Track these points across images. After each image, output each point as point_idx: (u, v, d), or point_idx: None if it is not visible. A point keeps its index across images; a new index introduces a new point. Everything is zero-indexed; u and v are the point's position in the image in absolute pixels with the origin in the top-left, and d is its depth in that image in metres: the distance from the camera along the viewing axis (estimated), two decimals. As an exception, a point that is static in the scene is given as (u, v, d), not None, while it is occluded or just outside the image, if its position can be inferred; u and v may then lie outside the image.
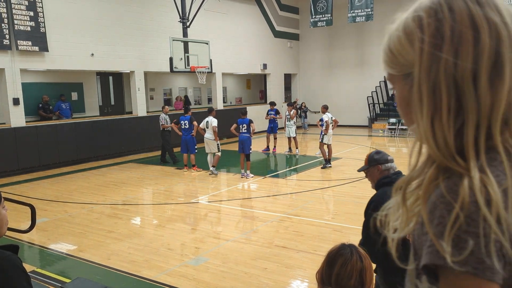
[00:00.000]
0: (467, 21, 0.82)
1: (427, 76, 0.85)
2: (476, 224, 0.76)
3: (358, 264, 1.57)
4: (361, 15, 18.01)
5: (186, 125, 11.57)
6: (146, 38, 15.46)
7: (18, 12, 11.72)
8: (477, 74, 0.82)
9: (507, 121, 0.84)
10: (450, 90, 0.83)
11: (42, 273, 5.34)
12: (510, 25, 0.84)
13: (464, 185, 0.78)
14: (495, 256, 0.75)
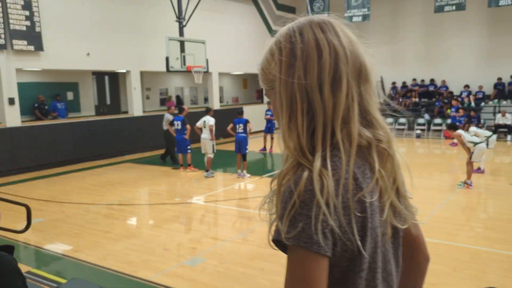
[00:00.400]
0: (313, 44, 1.05)
1: (285, 87, 1.06)
2: (309, 208, 0.95)
3: None
4: (357, 15, 18.04)
5: (178, 126, 11.54)
6: (142, 37, 15.42)
7: (14, 12, 11.66)
8: (321, 84, 1.03)
9: (346, 120, 1.04)
10: (303, 98, 1.03)
11: (37, 274, 5.31)
12: (345, 45, 1.09)
13: (304, 177, 0.97)
14: (320, 233, 0.94)
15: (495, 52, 18.95)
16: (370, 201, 1.03)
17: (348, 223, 0.98)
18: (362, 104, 1.10)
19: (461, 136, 9.15)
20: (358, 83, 1.08)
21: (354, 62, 1.09)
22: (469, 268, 5.16)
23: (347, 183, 0.99)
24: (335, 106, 1.03)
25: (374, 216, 1.04)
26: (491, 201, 8.45)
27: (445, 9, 16.79)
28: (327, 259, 0.97)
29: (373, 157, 1.08)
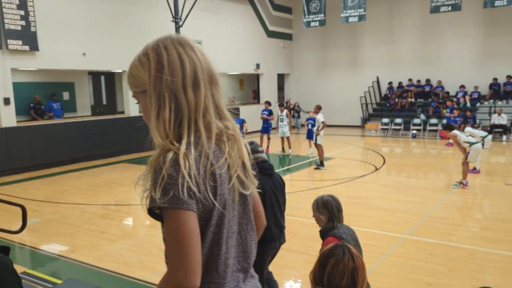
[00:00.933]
0: (176, 56, 1.39)
1: (154, 89, 1.37)
2: (175, 179, 1.27)
3: (350, 264, 1.57)
4: (354, 16, 18.07)
5: None
6: (138, 37, 15.36)
7: (9, 11, 11.60)
8: (185, 87, 1.36)
9: (205, 115, 1.40)
10: (171, 98, 1.35)
11: (33, 274, 5.29)
12: (200, 57, 1.43)
13: (169, 156, 1.29)
14: (187, 195, 1.27)
15: (490, 52, 19.05)
16: (219, 173, 1.37)
17: (205, 189, 1.32)
18: (215, 102, 1.46)
19: (457, 136, 9.18)
20: (211, 86, 1.45)
21: (207, 70, 1.44)
22: (464, 268, 5.18)
23: (205, 161, 1.34)
24: (197, 103, 1.37)
25: (223, 185, 1.39)
26: (487, 201, 8.48)
27: (441, 10, 16.85)
28: (194, 214, 1.30)
29: (224, 142, 1.43)
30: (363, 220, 7.12)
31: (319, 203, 3.08)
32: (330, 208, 3.06)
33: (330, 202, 3.07)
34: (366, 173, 11.02)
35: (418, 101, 20.24)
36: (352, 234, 3.04)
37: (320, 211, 3.07)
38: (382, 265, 5.31)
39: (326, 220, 3.06)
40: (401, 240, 6.15)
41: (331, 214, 3.05)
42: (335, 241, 2.61)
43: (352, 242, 2.96)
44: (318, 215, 3.09)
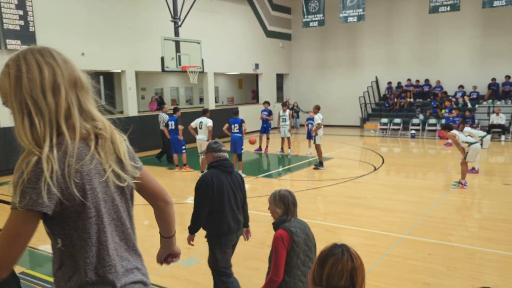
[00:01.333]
0: (35, 64, 1.48)
1: (15, 96, 1.47)
2: (34, 183, 1.38)
3: (349, 264, 1.56)
4: (353, 16, 18.07)
5: (172, 126, 11.55)
6: (137, 37, 15.37)
7: (7, 11, 11.59)
8: (44, 92, 1.46)
9: (68, 117, 1.49)
10: (31, 102, 1.45)
11: (32, 275, 5.28)
12: (60, 64, 1.52)
13: (32, 161, 1.40)
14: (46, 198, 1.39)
15: (489, 52, 19.07)
16: (87, 169, 1.49)
17: (70, 187, 1.44)
18: (81, 104, 1.55)
19: (456, 136, 9.19)
20: (75, 90, 1.54)
21: (69, 76, 1.53)
22: (463, 267, 5.18)
23: (70, 160, 1.44)
24: (57, 107, 1.47)
25: (93, 179, 1.52)
26: (486, 201, 8.49)
27: (439, 10, 16.87)
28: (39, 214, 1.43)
29: (92, 140, 1.54)
30: (362, 220, 7.12)
31: (276, 197, 3.19)
32: (287, 203, 3.16)
33: (287, 197, 3.18)
34: (365, 173, 11.02)
35: (417, 101, 20.25)
36: (304, 228, 3.11)
37: (276, 205, 3.18)
38: (381, 265, 5.31)
39: (282, 213, 3.16)
40: (400, 240, 6.15)
41: (286, 208, 3.15)
42: (285, 234, 2.97)
43: (302, 235, 3.04)
44: (274, 208, 3.19)
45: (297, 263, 3.01)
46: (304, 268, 3.04)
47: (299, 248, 3.00)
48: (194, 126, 11.08)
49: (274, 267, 2.97)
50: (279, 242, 2.97)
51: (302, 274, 3.02)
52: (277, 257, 2.96)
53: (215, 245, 4.14)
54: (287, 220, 3.11)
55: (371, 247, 5.91)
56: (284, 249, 2.96)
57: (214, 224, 4.06)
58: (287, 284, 2.98)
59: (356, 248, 1.70)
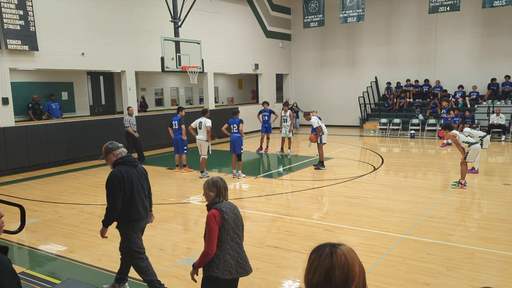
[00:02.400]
0: None
1: None
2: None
3: (325, 261, 1.53)
4: (352, 16, 18.09)
5: (175, 126, 11.57)
6: (137, 37, 15.38)
7: (8, 11, 11.59)
8: None
9: None
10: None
11: (32, 275, 5.29)
12: None
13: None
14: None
15: (489, 52, 19.08)
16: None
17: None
18: None
19: (456, 136, 9.19)
20: None
21: None
22: (463, 267, 5.19)
23: None
24: None
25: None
26: (485, 201, 8.50)
27: (439, 10, 16.88)
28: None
29: None
30: (361, 220, 7.13)
31: (210, 183, 3.63)
32: (218, 187, 3.61)
33: (218, 182, 3.64)
34: (364, 173, 11.03)
35: (417, 101, 20.25)
36: (233, 209, 3.60)
37: (210, 189, 3.61)
38: (380, 264, 5.32)
39: (214, 196, 3.59)
40: (399, 240, 6.16)
41: (218, 191, 3.59)
42: (217, 212, 3.44)
43: (232, 215, 3.52)
44: (208, 192, 3.61)
45: (227, 238, 3.49)
46: (233, 243, 3.54)
47: (228, 225, 3.48)
48: (194, 126, 11.10)
49: (208, 241, 3.44)
50: (211, 219, 3.43)
51: (231, 248, 3.53)
52: (210, 232, 3.43)
53: (128, 231, 4.53)
54: (219, 202, 3.56)
55: (370, 247, 5.92)
56: (216, 225, 3.42)
57: (126, 212, 4.47)
58: (217, 256, 3.48)
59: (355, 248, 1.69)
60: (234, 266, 3.55)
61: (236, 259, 3.56)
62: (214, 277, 3.49)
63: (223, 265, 3.49)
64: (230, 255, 3.52)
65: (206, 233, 3.48)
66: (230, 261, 3.52)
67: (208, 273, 3.52)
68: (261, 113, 14.68)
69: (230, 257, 3.52)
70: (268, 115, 14.59)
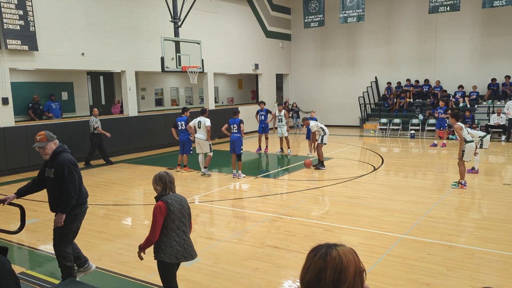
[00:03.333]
0: None
1: None
2: None
3: (319, 262, 1.54)
4: (352, 16, 18.08)
5: (182, 126, 11.55)
6: (137, 37, 15.38)
7: (7, 11, 11.59)
8: None
9: None
10: None
11: (31, 275, 5.29)
12: None
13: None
14: None
15: (489, 52, 19.07)
16: None
17: None
18: None
19: (461, 129, 9.06)
20: None
21: None
22: (463, 268, 5.18)
23: None
24: None
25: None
26: (485, 201, 8.50)
27: (439, 10, 16.87)
28: None
29: None
30: (361, 220, 7.13)
31: (156, 177, 3.95)
32: (164, 180, 3.93)
33: (165, 176, 3.95)
34: (364, 173, 11.03)
35: (417, 101, 20.25)
36: (179, 200, 3.96)
37: (157, 183, 3.94)
38: (380, 265, 5.32)
39: (161, 189, 3.93)
40: (399, 240, 6.16)
41: (165, 184, 3.92)
42: (162, 204, 3.80)
43: (177, 206, 3.90)
44: (156, 186, 3.95)
45: (173, 226, 3.87)
46: (179, 231, 3.92)
47: (174, 215, 3.85)
48: (193, 125, 11.12)
49: (151, 229, 3.84)
50: (157, 211, 3.81)
51: (177, 235, 3.91)
52: (155, 222, 3.81)
53: (78, 215, 4.80)
54: (165, 194, 3.91)
55: (370, 247, 5.91)
56: (162, 216, 3.81)
57: (79, 195, 4.79)
58: (164, 243, 3.86)
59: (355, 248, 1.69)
60: (180, 251, 3.92)
61: (182, 246, 3.94)
62: (162, 261, 3.92)
63: (169, 250, 3.88)
64: (176, 241, 3.89)
65: (152, 222, 3.84)
66: (176, 247, 3.90)
67: (157, 258, 3.94)
68: (258, 113, 14.69)
69: (176, 243, 3.90)
70: (265, 115, 14.57)
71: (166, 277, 4.03)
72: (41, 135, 4.69)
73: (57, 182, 4.65)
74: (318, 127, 11.64)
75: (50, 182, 4.74)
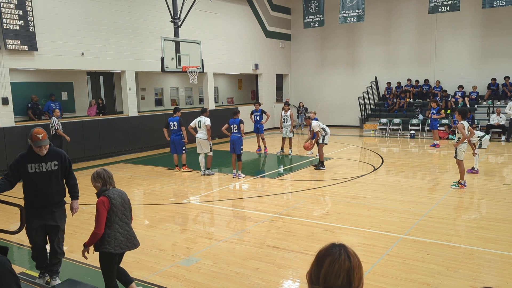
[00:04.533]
0: None
1: None
2: None
3: (346, 263, 1.57)
4: (352, 16, 18.08)
5: (174, 126, 11.55)
6: (137, 37, 15.38)
7: (7, 11, 11.59)
8: None
9: None
10: None
11: (31, 275, 5.29)
12: None
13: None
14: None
15: (489, 52, 19.07)
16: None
17: None
18: None
19: (465, 128, 8.99)
20: None
21: None
22: (462, 268, 5.19)
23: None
24: None
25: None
26: (485, 201, 8.50)
27: (439, 10, 16.87)
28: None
29: None
30: (361, 220, 7.13)
31: (94, 175, 4.13)
32: (103, 177, 4.13)
33: (102, 173, 4.14)
34: (364, 173, 11.03)
35: (417, 101, 20.25)
36: (120, 194, 4.19)
37: (96, 180, 4.12)
38: (380, 265, 5.32)
39: (101, 185, 4.11)
40: (399, 240, 6.16)
41: (103, 181, 4.12)
42: (105, 199, 4.01)
43: (119, 199, 4.12)
44: (95, 183, 4.12)
45: (116, 219, 4.09)
46: (122, 223, 4.16)
47: (116, 208, 4.08)
48: (194, 125, 11.13)
49: (97, 223, 4.00)
50: (101, 205, 4.00)
51: (120, 227, 4.15)
52: (99, 216, 3.99)
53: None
54: (106, 190, 4.11)
55: (370, 247, 5.91)
56: (105, 209, 4.01)
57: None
58: (109, 235, 4.07)
59: (355, 248, 1.71)
60: (124, 242, 4.18)
61: (125, 236, 4.19)
62: (107, 252, 4.08)
63: (113, 241, 4.09)
64: (119, 233, 4.14)
65: (96, 217, 4.02)
66: (120, 238, 4.14)
67: (101, 250, 4.08)
68: (253, 113, 14.67)
69: (120, 234, 4.14)
70: (260, 115, 14.55)
71: (108, 267, 4.21)
72: (42, 133, 4.71)
73: (61, 172, 4.84)
74: (320, 127, 11.63)
75: (47, 175, 4.73)
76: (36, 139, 4.63)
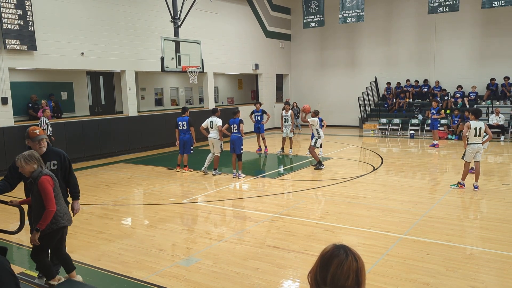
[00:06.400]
0: None
1: None
2: None
3: (354, 264, 1.59)
4: (352, 16, 18.09)
5: (184, 126, 11.50)
6: (137, 37, 15.37)
7: (6, 11, 11.59)
8: None
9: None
10: None
11: (31, 275, 5.28)
12: None
13: None
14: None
15: (488, 53, 19.08)
16: None
17: None
18: None
19: (470, 128, 8.90)
20: None
21: None
22: (462, 267, 5.19)
23: None
24: None
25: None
26: (484, 201, 8.50)
27: (438, 10, 16.87)
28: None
29: None
30: (361, 220, 7.13)
31: (27, 157, 4.21)
32: (37, 158, 4.28)
33: (33, 154, 4.27)
34: (364, 173, 11.03)
35: (416, 101, 20.26)
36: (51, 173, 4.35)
37: (32, 162, 4.22)
38: (379, 265, 5.32)
39: (37, 166, 4.26)
40: (399, 240, 6.16)
41: (38, 161, 4.27)
42: (48, 177, 4.21)
43: (55, 177, 4.36)
44: (32, 165, 4.21)
45: (59, 195, 4.38)
46: (62, 199, 4.47)
47: (57, 185, 4.36)
48: (205, 126, 11.17)
49: (48, 201, 4.15)
50: (47, 184, 4.17)
51: (63, 202, 4.47)
52: (48, 194, 4.16)
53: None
54: (43, 169, 4.27)
55: (370, 247, 5.92)
56: (51, 187, 4.20)
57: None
58: (59, 211, 4.33)
59: (355, 248, 1.71)
60: (68, 214, 4.53)
61: (67, 210, 4.52)
62: (60, 227, 4.35)
63: (65, 216, 4.41)
64: (64, 207, 4.46)
65: (44, 196, 4.15)
66: (67, 211, 4.47)
67: (57, 226, 4.30)
68: (254, 114, 14.67)
69: (65, 208, 4.48)
70: (261, 115, 14.56)
71: (52, 244, 4.44)
72: (39, 129, 4.79)
73: (62, 171, 4.85)
74: (316, 125, 11.63)
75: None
76: (34, 134, 4.72)
